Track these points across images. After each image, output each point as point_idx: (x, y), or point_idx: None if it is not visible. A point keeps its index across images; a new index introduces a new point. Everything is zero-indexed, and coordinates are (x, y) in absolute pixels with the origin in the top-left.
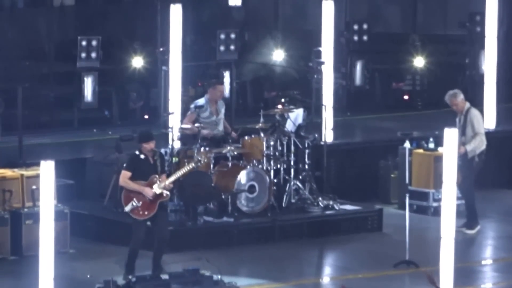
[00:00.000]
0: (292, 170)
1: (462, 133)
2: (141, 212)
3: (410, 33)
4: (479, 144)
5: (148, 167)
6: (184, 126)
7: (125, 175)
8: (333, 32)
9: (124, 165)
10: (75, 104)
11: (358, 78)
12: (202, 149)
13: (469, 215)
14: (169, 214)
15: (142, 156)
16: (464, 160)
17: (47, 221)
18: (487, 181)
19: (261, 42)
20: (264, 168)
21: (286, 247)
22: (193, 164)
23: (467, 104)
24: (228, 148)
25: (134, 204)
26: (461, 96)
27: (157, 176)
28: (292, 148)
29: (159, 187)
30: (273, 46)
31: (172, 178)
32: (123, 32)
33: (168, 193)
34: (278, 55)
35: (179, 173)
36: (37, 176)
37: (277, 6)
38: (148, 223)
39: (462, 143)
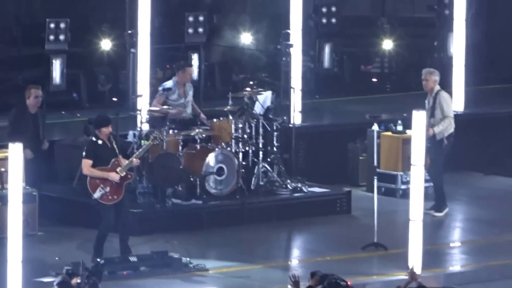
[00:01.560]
0: (261, 152)
1: (431, 115)
2: (110, 197)
3: (379, 16)
4: (448, 127)
5: (107, 151)
6: (152, 108)
7: (86, 163)
8: (301, 15)
9: (84, 153)
10: (44, 86)
11: (326, 61)
12: (170, 131)
13: (437, 198)
14: (138, 196)
15: (99, 142)
16: (433, 143)
17: (15, 204)
18: (455, 164)
19: (230, 25)
20: (233, 150)
21: (254, 230)
22: (151, 142)
23: (437, 87)
24: (197, 130)
25: (102, 190)
26: (436, 77)
27: (118, 159)
28: (261, 130)
29: (123, 169)
30: (242, 29)
31: (135, 156)
32: (91, 14)
33: (132, 174)
34: (246, 38)
35: (140, 152)
36: (5, 159)
37: None
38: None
39: (431, 125)
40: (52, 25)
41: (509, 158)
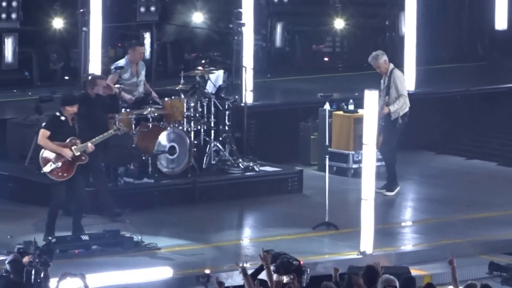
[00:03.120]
0: (213, 131)
1: (386, 94)
2: (60, 174)
3: None
4: (402, 106)
5: (68, 129)
6: None
7: (44, 133)
8: None
9: (44, 124)
10: None
11: (278, 40)
12: (123, 110)
13: (389, 177)
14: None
15: (62, 118)
16: (387, 122)
17: None
18: (407, 143)
19: (182, 4)
20: (185, 129)
21: (206, 209)
22: (113, 131)
23: (391, 65)
24: (149, 109)
25: (53, 165)
26: (383, 58)
27: (75, 138)
28: (213, 109)
29: (78, 149)
30: (194, 8)
31: (93, 141)
32: None
33: (86, 156)
34: (198, 17)
35: (99, 138)
36: None
37: None
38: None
39: (386, 104)
40: (4, 3)
41: (459, 137)
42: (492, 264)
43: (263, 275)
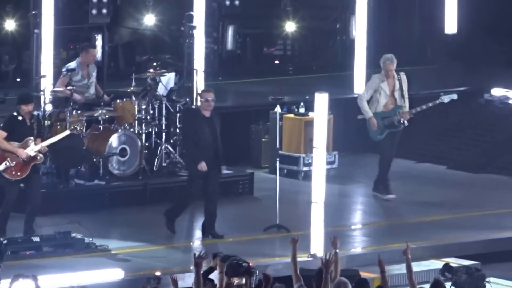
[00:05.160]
0: (164, 133)
1: (401, 96)
2: (13, 173)
3: None
4: None
5: (25, 129)
6: (56, 89)
7: (0, 134)
8: None
9: (1, 125)
10: None
11: (229, 43)
12: (74, 112)
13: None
14: (41, 176)
15: (19, 118)
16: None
17: None
18: (357, 146)
19: (133, 6)
20: (136, 131)
21: (157, 210)
22: (69, 131)
23: None
24: (100, 111)
25: (8, 163)
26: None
27: (32, 138)
28: (164, 111)
29: (33, 149)
30: (145, 11)
31: (47, 142)
32: None
33: (42, 156)
34: (150, 19)
35: (54, 138)
36: None
37: None
38: (21, 184)
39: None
40: None
41: (409, 140)
42: (444, 266)
43: (212, 276)
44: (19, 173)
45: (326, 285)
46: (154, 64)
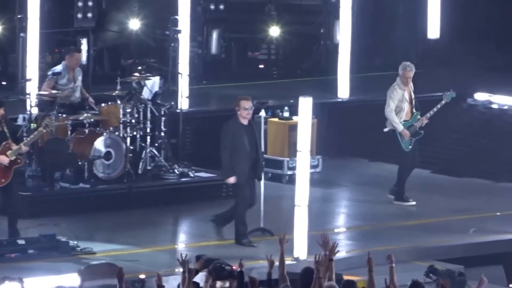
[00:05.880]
0: (148, 137)
1: (415, 105)
2: None
3: (266, 2)
4: None
5: None
6: (41, 92)
7: None
8: (189, 1)
9: None
10: None
11: (214, 47)
12: (59, 115)
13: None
14: (26, 179)
15: None
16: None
17: None
18: (340, 150)
19: (118, 10)
20: (121, 135)
21: (142, 214)
22: (42, 129)
23: None
24: (85, 115)
25: None
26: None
27: (9, 142)
28: (149, 115)
29: (13, 153)
30: (130, 15)
31: (26, 142)
32: None
33: (22, 158)
34: (135, 23)
35: (31, 138)
36: None
37: None
38: None
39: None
40: None
41: (393, 144)
42: (429, 268)
43: (197, 278)
44: (2, 180)
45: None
46: (139, 68)
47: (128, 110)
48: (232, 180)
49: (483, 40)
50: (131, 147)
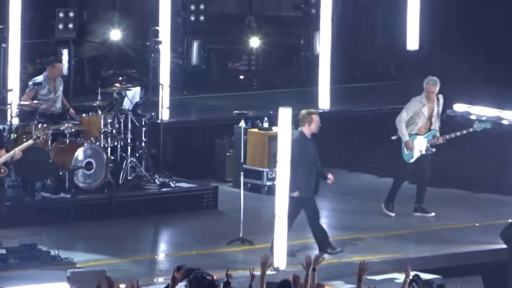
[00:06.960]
0: (129, 147)
1: (436, 121)
2: None
3: (246, 14)
4: None
5: None
6: (22, 102)
7: None
8: (170, 12)
9: None
10: None
11: (194, 58)
12: (40, 125)
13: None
14: (7, 189)
15: None
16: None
17: None
18: (320, 161)
19: (99, 21)
20: (102, 145)
21: (122, 224)
22: (32, 141)
23: None
24: (66, 125)
25: None
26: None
27: None
28: (129, 125)
29: (1, 161)
30: (111, 25)
31: (11, 153)
32: None
33: (5, 168)
34: (115, 34)
35: (20, 147)
36: None
37: None
38: None
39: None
40: None
41: (372, 155)
42: (414, 277)
43: None
44: None
45: None
46: (120, 78)
47: (109, 121)
48: (296, 194)
49: (461, 51)
50: (112, 157)
